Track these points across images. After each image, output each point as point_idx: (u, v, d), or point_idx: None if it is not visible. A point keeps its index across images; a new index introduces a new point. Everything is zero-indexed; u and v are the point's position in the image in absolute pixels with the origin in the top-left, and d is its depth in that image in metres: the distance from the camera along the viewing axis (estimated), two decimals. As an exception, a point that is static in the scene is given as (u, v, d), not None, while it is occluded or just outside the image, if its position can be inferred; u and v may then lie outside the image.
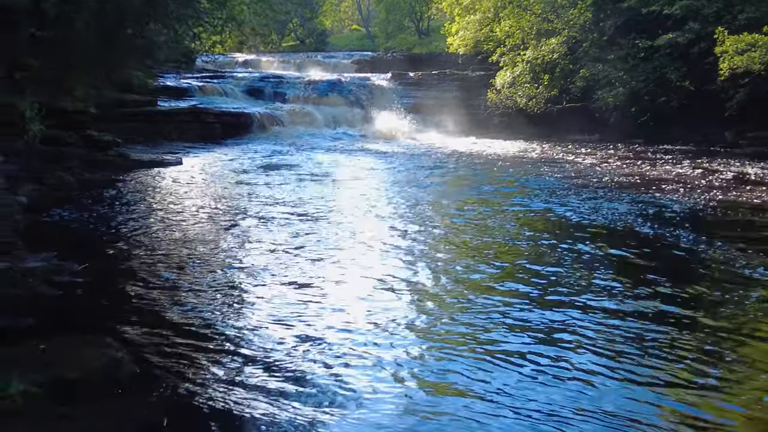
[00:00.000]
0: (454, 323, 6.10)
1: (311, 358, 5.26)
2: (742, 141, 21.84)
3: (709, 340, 5.72)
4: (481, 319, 6.18)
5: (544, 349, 5.52)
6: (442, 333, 5.87)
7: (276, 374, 4.97)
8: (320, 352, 5.38)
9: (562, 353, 5.43)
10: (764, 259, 8.29)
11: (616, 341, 5.67)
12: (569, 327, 5.97)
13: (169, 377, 4.90)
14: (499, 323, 6.09)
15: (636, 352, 5.44)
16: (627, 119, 24.82)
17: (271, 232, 9.51)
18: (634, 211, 11.35)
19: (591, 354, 5.40)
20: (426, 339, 5.73)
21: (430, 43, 44.40)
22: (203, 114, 24.00)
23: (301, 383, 4.84)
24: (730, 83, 21.21)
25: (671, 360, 5.32)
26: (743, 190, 13.96)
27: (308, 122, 26.82)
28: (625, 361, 5.27)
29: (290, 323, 5.99)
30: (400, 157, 20.03)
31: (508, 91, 28.14)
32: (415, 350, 5.49)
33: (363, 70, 36.64)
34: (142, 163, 16.24)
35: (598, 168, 17.81)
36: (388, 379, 4.95)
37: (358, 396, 4.68)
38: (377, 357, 5.30)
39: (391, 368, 5.12)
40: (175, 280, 7.27)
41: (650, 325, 6.05)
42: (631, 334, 5.84)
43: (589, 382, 4.93)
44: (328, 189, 13.63)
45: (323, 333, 5.77)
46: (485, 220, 10.78)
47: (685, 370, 5.16)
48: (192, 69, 29.56)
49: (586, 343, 5.62)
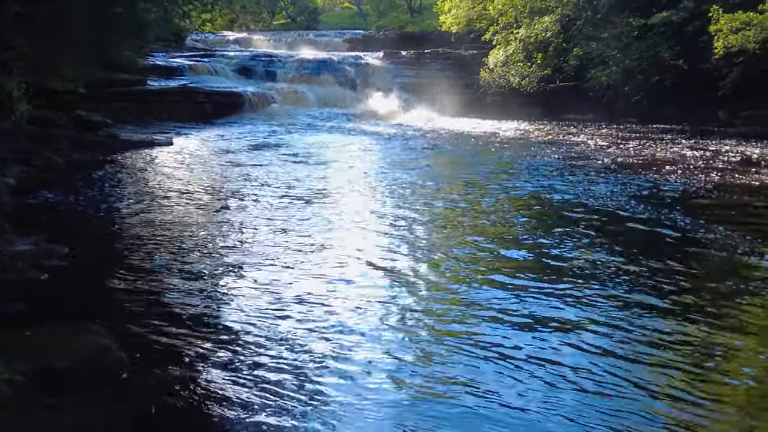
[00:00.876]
0: (445, 307, 6.02)
1: (304, 345, 5.17)
2: (736, 120, 21.81)
3: (701, 330, 5.66)
4: (472, 305, 6.07)
5: (528, 336, 5.46)
6: (434, 317, 5.79)
7: (268, 362, 4.88)
8: (313, 339, 5.28)
9: (548, 338, 5.36)
10: (759, 243, 8.24)
11: (606, 326, 5.61)
12: (558, 314, 5.90)
13: (159, 365, 4.81)
14: (490, 307, 6.01)
15: (624, 340, 5.38)
16: (620, 98, 24.75)
17: (263, 215, 9.39)
18: (627, 193, 11.29)
19: (579, 340, 5.33)
20: (420, 325, 5.65)
21: (422, 21, 44.07)
22: (194, 93, 23.77)
23: (293, 370, 4.76)
24: (724, 62, 21.14)
25: (662, 347, 5.26)
26: (737, 170, 13.91)
27: (300, 102, 26.61)
28: (613, 347, 5.21)
29: (283, 309, 5.89)
30: (393, 138, 19.90)
31: (501, 70, 28.00)
32: (409, 337, 5.40)
33: (355, 48, 36.42)
34: (131, 144, 16.07)
35: (591, 148, 17.74)
36: (382, 366, 4.87)
37: (351, 385, 4.60)
38: (371, 344, 5.21)
39: (383, 353, 5.04)
40: (166, 264, 7.15)
41: (640, 311, 5.98)
42: (621, 321, 5.77)
43: (574, 368, 4.87)
44: (319, 170, 13.50)
45: (317, 320, 5.67)
46: (478, 203, 10.68)
47: (676, 360, 5.10)
48: (182, 48, 29.31)
49: (573, 329, 5.55)
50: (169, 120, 21.77)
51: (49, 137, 13.29)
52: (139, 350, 5.00)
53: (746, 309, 6.07)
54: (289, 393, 4.45)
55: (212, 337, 5.30)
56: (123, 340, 4.97)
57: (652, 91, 24.03)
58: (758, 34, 19.48)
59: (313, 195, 10.85)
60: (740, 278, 6.94)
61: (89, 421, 4.14)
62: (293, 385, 4.56)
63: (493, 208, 10.26)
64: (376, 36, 38.80)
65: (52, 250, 7.16)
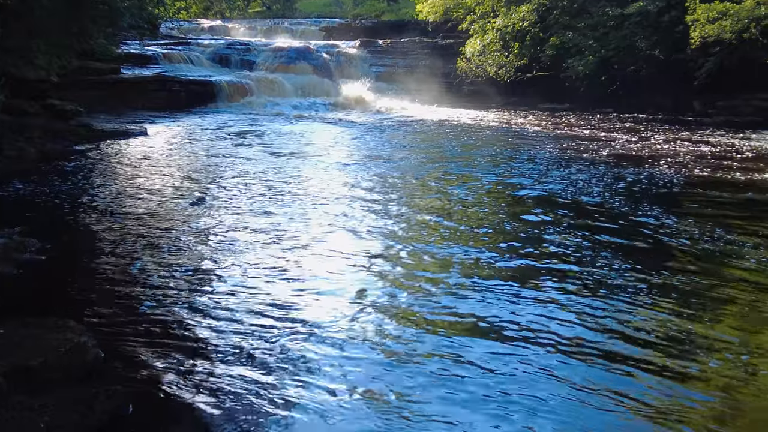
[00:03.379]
0: (425, 299, 5.98)
1: (281, 341, 5.10)
2: (711, 110, 21.98)
3: (672, 325, 5.67)
4: (452, 299, 6.04)
5: (503, 311, 5.52)
6: (413, 310, 5.75)
7: (246, 358, 4.82)
8: (292, 334, 5.22)
9: (528, 333, 5.35)
10: (730, 236, 8.28)
11: (580, 320, 5.60)
12: (533, 310, 5.88)
13: (135, 363, 4.72)
14: (470, 299, 5.99)
15: (598, 332, 5.38)
16: (597, 88, 24.80)
17: (239, 208, 9.27)
18: (602, 185, 11.30)
19: (556, 334, 5.32)
20: (398, 319, 5.60)
21: (399, 9, 43.79)
22: (169, 82, 23.56)
23: (271, 368, 4.69)
24: (700, 52, 21.25)
25: (636, 342, 5.26)
26: (711, 163, 14.00)
27: (276, 91, 26.41)
28: (586, 342, 5.20)
29: (261, 304, 5.82)
30: (369, 128, 19.81)
31: (478, 60, 27.96)
32: (388, 330, 5.36)
33: (331, 37, 36.25)
34: (105, 133, 15.85)
35: (568, 138, 17.77)
36: (360, 361, 4.82)
37: (330, 381, 4.55)
38: (350, 340, 5.16)
39: (363, 350, 4.99)
40: (141, 258, 7.04)
41: (616, 305, 5.98)
42: (597, 313, 5.77)
43: (555, 361, 4.86)
44: (295, 161, 13.38)
45: (295, 315, 5.61)
46: (455, 195, 10.65)
47: (652, 352, 5.10)
48: (156, 36, 28.88)
49: (549, 325, 5.54)
50: (143, 109, 21.54)
51: (21, 126, 13.05)
52: (115, 347, 4.91)
53: (719, 299, 6.11)
54: (264, 391, 4.39)
55: (189, 334, 5.22)
56: (98, 336, 4.88)
57: (629, 80, 24.12)
58: (734, 24, 19.60)
59: (288, 186, 10.75)
60: (711, 271, 6.97)
61: (63, 418, 4.04)
62: (270, 382, 4.50)
63: (468, 200, 10.23)
64: (352, 24, 38.57)
65: (25, 244, 7.02)
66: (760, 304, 6.01)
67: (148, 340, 5.09)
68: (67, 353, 4.51)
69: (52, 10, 11.82)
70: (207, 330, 5.28)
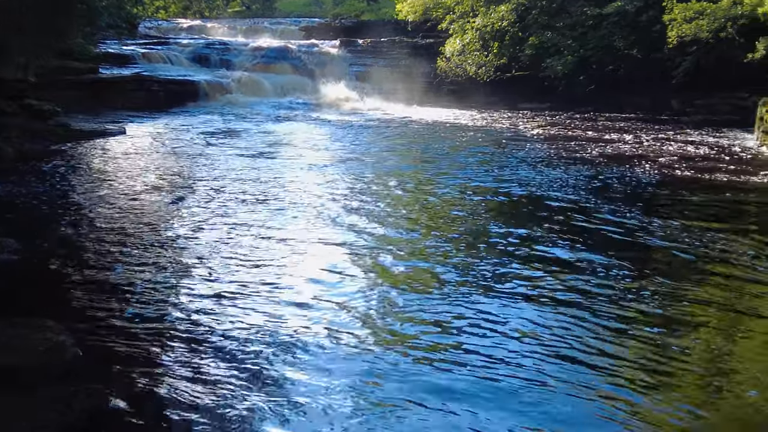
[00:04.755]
0: (402, 298, 6.01)
1: (262, 339, 5.11)
2: (689, 109, 22.18)
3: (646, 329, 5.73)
4: (434, 303, 6.05)
5: (485, 322, 5.51)
6: (392, 308, 5.77)
7: (226, 357, 4.82)
8: (271, 333, 5.23)
9: (496, 332, 5.40)
10: (708, 235, 8.36)
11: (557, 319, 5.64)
12: (514, 308, 5.94)
13: (114, 361, 4.71)
14: (449, 301, 6.02)
15: (572, 330, 5.43)
16: (576, 87, 24.90)
17: (218, 208, 9.24)
18: (579, 184, 11.37)
19: (529, 336, 5.37)
20: (378, 316, 5.63)
21: (379, 9, 43.81)
22: (148, 82, 23.43)
23: (251, 365, 4.70)
24: (677, 51, 21.43)
25: (613, 341, 5.31)
26: (690, 163, 14.13)
27: (256, 90, 26.35)
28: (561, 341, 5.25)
29: (240, 303, 5.82)
30: (350, 128, 19.80)
31: (458, 59, 27.98)
32: (365, 327, 5.38)
33: (311, 36, 36.15)
34: (83, 133, 15.72)
35: (547, 138, 17.87)
36: (341, 360, 4.83)
37: (311, 378, 4.56)
38: (329, 340, 5.17)
39: (343, 346, 5.00)
40: (118, 258, 7.01)
41: (594, 304, 6.04)
42: (573, 310, 5.82)
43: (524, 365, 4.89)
44: (275, 161, 13.36)
45: (274, 313, 5.62)
46: (433, 196, 10.70)
47: (629, 351, 5.16)
48: (135, 35, 28.74)
49: (523, 325, 5.58)
50: (122, 109, 21.37)
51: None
52: (94, 346, 4.89)
53: (698, 298, 6.17)
54: (244, 388, 4.39)
55: (168, 333, 5.21)
56: (77, 336, 4.86)
57: (607, 80, 24.26)
58: (711, 23, 19.77)
59: (267, 187, 10.73)
60: (687, 270, 7.05)
61: (42, 418, 4.02)
62: (250, 382, 4.50)
63: (447, 200, 10.28)
64: (332, 24, 38.48)
65: (2, 244, 6.97)
66: (738, 303, 6.07)
67: (126, 338, 5.08)
68: (46, 352, 4.50)
69: (35, 8, 11.71)
70: (186, 328, 5.28)
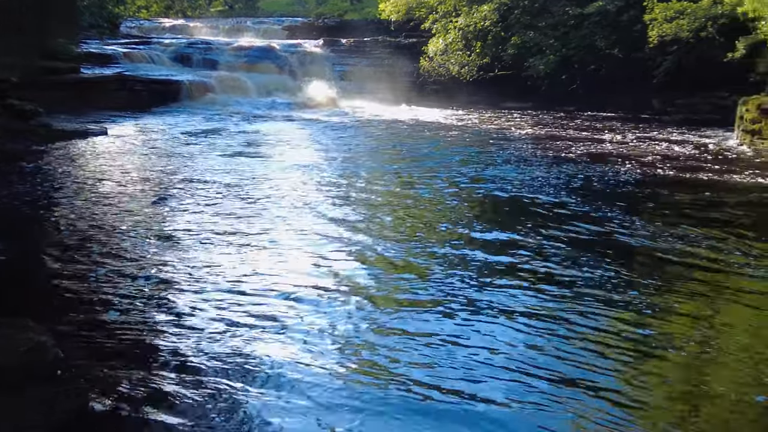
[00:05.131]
0: (384, 300, 6.04)
1: (245, 338, 5.13)
2: (670, 108, 22.33)
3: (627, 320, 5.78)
4: (413, 305, 6.10)
5: (459, 324, 5.55)
6: (374, 309, 5.80)
7: (209, 357, 4.82)
8: (251, 331, 5.25)
9: (487, 325, 5.46)
10: (686, 235, 8.43)
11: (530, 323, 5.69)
12: (494, 303, 5.98)
13: (98, 362, 4.70)
14: (428, 304, 6.06)
15: (550, 325, 5.48)
16: (558, 87, 25.03)
17: (201, 209, 9.22)
18: (561, 183, 11.44)
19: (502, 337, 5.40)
20: (360, 320, 5.65)
21: (362, 8, 43.81)
22: (130, 81, 23.29)
23: (237, 365, 4.71)
24: (658, 51, 21.58)
25: (592, 338, 5.36)
26: (670, 162, 14.24)
27: (239, 90, 26.26)
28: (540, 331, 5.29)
29: (223, 303, 5.83)
30: (332, 127, 19.81)
31: (441, 59, 28.05)
32: (347, 325, 5.41)
33: (294, 36, 36.10)
34: (65, 133, 15.63)
35: (530, 137, 17.94)
36: (323, 362, 4.85)
37: (292, 378, 4.57)
38: (311, 343, 5.18)
39: (326, 348, 5.03)
40: (99, 258, 6.99)
41: (572, 301, 6.09)
42: (551, 305, 5.87)
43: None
44: (257, 161, 13.35)
45: (254, 313, 5.63)
46: (415, 195, 10.74)
47: (608, 348, 5.21)
48: (116, 35, 28.57)
49: (503, 320, 5.63)
50: (104, 109, 21.21)
51: (-21, 127, 12.87)
52: (76, 347, 4.88)
53: (676, 295, 6.24)
54: (228, 390, 4.40)
55: (150, 333, 5.21)
56: (58, 336, 4.84)
57: (589, 79, 24.39)
58: (692, 23, 19.92)
59: (250, 187, 10.72)
60: (666, 268, 7.12)
61: (25, 419, 4.01)
62: (235, 381, 4.51)
63: (429, 200, 10.32)
64: (315, 23, 38.45)
65: (-17, 245, 6.94)
66: (714, 300, 6.14)
67: (109, 338, 5.07)
68: (27, 353, 4.47)
69: (26, 7, 11.61)
70: (167, 328, 5.28)
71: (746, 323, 5.72)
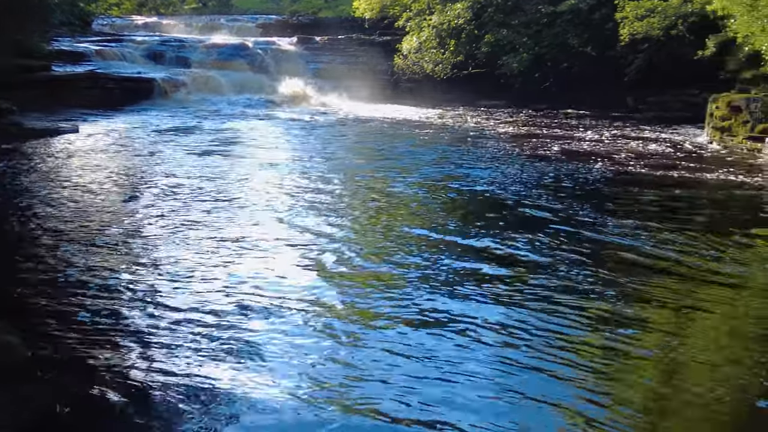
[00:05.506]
0: (354, 296, 6.06)
1: (214, 338, 5.13)
2: (642, 106, 22.56)
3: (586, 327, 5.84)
4: (386, 301, 6.14)
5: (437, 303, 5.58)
6: (345, 307, 5.82)
7: (178, 356, 4.82)
8: (224, 331, 5.24)
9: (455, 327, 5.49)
10: (659, 234, 8.53)
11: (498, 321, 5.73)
12: (463, 306, 6.03)
13: (66, 361, 4.68)
14: (402, 302, 6.09)
15: (520, 322, 5.54)
16: (531, 85, 25.16)
17: (173, 208, 9.18)
18: (533, 182, 11.51)
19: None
20: (333, 317, 5.67)
21: (336, 6, 43.72)
22: (102, 79, 23.08)
23: (204, 363, 4.71)
24: (630, 49, 21.77)
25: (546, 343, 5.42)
26: (641, 160, 14.38)
27: (212, 88, 26.12)
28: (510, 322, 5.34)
29: (194, 302, 5.82)
30: (307, 125, 19.79)
31: (415, 57, 28.07)
32: (322, 321, 5.42)
33: (268, 33, 35.95)
34: (36, 132, 15.49)
35: (503, 135, 18.04)
36: (281, 382, 4.85)
37: (262, 378, 4.58)
38: (284, 341, 5.18)
39: (295, 351, 5.04)
40: (68, 257, 6.94)
41: (543, 296, 6.15)
42: (523, 301, 5.92)
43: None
44: (229, 159, 13.30)
45: (228, 312, 5.63)
46: (387, 193, 10.77)
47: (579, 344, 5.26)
48: (88, 33, 28.28)
49: (475, 317, 5.66)
50: (76, 107, 21.00)
51: (-52, 125, 12.71)
52: (44, 346, 4.85)
53: (644, 291, 6.32)
54: (198, 388, 4.40)
55: (120, 332, 5.19)
56: (27, 336, 4.81)
57: (562, 77, 24.54)
58: (662, 21, 20.10)
59: (222, 187, 10.67)
60: (636, 264, 7.20)
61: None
62: (203, 379, 4.50)
63: (401, 197, 10.36)
64: (289, 21, 38.32)
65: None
66: (689, 299, 6.19)
67: (78, 337, 5.05)
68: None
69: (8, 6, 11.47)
70: (141, 328, 5.26)
71: (717, 320, 5.79)
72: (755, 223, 9.34)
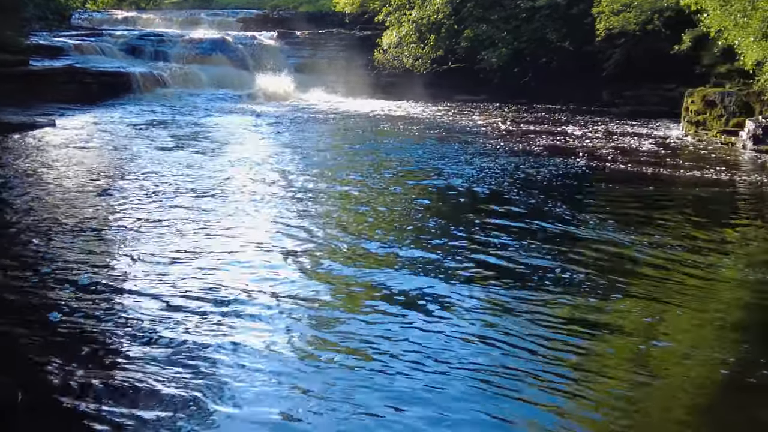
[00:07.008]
0: (336, 293, 6.11)
1: (189, 337, 5.10)
2: (619, 100, 22.73)
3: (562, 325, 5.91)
4: (365, 300, 6.20)
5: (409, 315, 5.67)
6: (324, 301, 5.87)
7: (144, 354, 4.84)
8: (201, 335, 5.15)
9: (435, 325, 5.56)
10: (631, 228, 8.62)
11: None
12: (445, 298, 6.07)
13: (30, 358, 4.69)
14: (382, 299, 6.14)
15: (499, 319, 5.60)
16: (511, 79, 25.28)
17: (149, 204, 9.18)
18: (511, 178, 11.58)
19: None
20: (310, 309, 5.71)
21: (317, 1, 43.64)
22: (80, 74, 22.89)
23: (174, 358, 4.74)
24: (607, 44, 21.93)
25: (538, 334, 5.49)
26: (618, 155, 14.50)
27: (191, 82, 26.04)
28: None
29: (169, 301, 5.79)
30: (287, 120, 19.77)
31: (395, 51, 28.07)
32: (298, 321, 5.46)
33: (249, 28, 35.84)
34: (11, 126, 15.42)
35: (482, 130, 18.11)
36: (278, 362, 4.89)
37: (248, 379, 4.62)
38: (262, 340, 5.18)
39: (279, 348, 5.08)
40: (45, 253, 6.94)
41: (522, 293, 6.22)
42: (502, 298, 5.99)
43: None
44: (208, 155, 13.26)
45: (204, 312, 5.58)
46: (366, 188, 10.82)
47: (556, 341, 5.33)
48: (66, 27, 28.09)
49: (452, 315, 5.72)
50: (54, 101, 20.85)
51: None
52: (11, 345, 4.85)
53: (620, 287, 6.40)
54: (161, 385, 4.39)
55: (92, 332, 5.19)
56: None
57: (540, 72, 24.66)
58: (638, 15, 20.25)
59: (200, 182, 10.67)
60: (612, 261, 7.28)
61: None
62: (171, 376, 4.51)
63: (379, 192, 10.41)
64: (270, 15, 38.23)
65: None
66: (666, 296, 6.23)
67: (46, 336, 5.06)
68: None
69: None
70: (110, 328, 5.27)
71: (691, 314, 5.83)
72: (728, 216, 9.48)
